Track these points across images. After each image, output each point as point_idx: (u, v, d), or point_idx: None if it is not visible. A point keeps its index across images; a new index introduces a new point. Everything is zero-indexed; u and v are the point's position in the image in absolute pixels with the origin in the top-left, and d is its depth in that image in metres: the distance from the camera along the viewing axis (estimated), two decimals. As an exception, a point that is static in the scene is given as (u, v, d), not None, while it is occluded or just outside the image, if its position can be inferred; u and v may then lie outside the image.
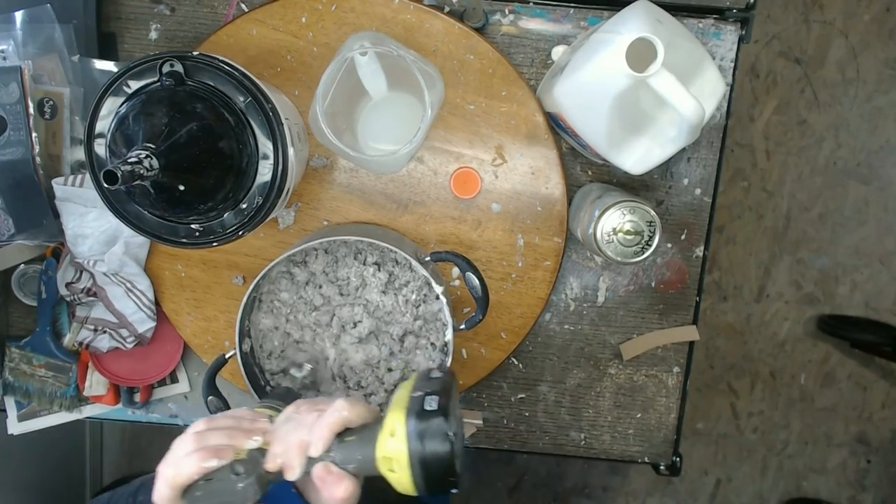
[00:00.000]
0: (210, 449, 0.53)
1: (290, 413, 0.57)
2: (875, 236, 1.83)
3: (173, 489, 0.52)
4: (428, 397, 0.53)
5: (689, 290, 0.92)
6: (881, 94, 1.78)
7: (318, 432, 0.52)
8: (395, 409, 0.53)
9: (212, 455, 0.52)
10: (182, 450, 0.53)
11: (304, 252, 0.81)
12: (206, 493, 0.52)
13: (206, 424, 0.56)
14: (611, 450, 0.96)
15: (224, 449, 0.53)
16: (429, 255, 0.77)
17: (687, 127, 0.68)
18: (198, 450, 0.53)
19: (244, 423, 0.56)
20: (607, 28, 0.70)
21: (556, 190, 0.85)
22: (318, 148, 0.85)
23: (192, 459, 0.52)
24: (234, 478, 0.52)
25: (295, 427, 0.54)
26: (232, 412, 0.59)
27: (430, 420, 0.51)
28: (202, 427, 0.55)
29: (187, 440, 0.54)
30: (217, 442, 0.54)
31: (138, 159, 0.58)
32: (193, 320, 0.90)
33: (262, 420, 0.57)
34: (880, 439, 1.90)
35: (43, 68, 0.81)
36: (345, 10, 0.82)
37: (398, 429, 0.52)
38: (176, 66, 0.65)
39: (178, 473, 0.52)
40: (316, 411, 0.54)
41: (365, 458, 0.53)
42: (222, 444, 0.53)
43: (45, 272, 0.89)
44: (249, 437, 0.55)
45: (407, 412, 0.52)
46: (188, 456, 0.52)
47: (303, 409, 0.56)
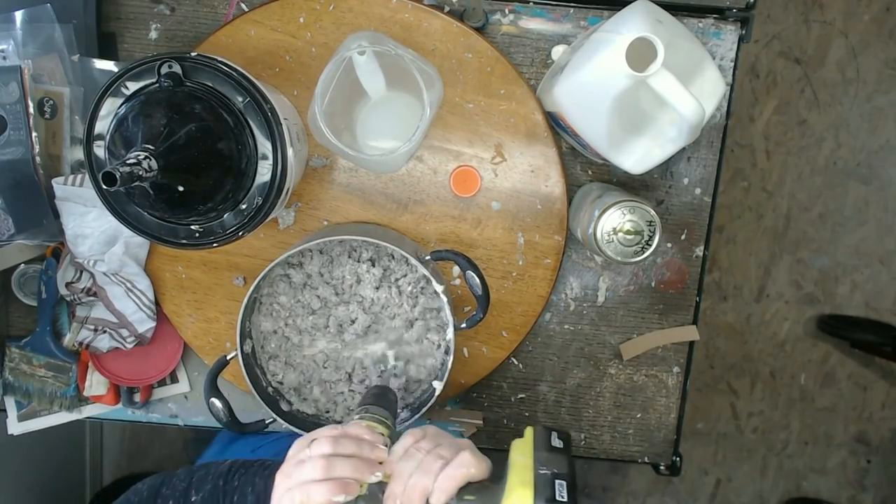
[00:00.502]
0: (339, 483, 0.54)
1: (408, 446, 0.56)
2: (875, 236, 1.83)
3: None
4: (558, 482, 0.52)
5: (689, 290, 0.92)
6: (881, 94, 1.78)
7: (444, 485, 0.53)
8: (522, 483, 0.53)
9: (341, 490, 0.53)
10: (311, 474, 0.54)
11: (300, 253, 0.81)
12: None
13: (332, 448, 0.56)
14: (611, 450, 0.96)
15: (352, 484, 0.54)
16: (429, 254, 0.77)
17: (687, 127, 0.68)
18: (327, 479, 0.53)
19: (365, 450, 0.57)
20: (607, 28, 0.70)
21: (555, 188, 0.85)
22: (317, 148, 0.85)
23: (322, 490, 0.53)
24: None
25: (416, 470, 0.54)
26: (352, 431, 0.59)
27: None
28: (328, 450, 0.56)
29: (316, 465, 0.54)
30: (345, 474, 0.54)
31: (137, 160, 0.58)
32: (194, 322, 0.90)
33: (381, 448, 0.58)
34: (880, 439, 1.90)
35: (43, 68, 0.81)
36: (343, 9, 0.82)
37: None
38: (174, 67, 0.65)
39: (307, 501, 0.53)
40: (439, 458, 0.54)
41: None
42: (350, 478, 0.54)
43: (45, 272, 0.89)
44: (372, 472, 0.55)
45: (535, 494, 0.52)
46: (318, 484, 0.53)
47: (423, 446, 0.56)
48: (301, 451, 0.57)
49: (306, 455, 0.56)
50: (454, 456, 0.55)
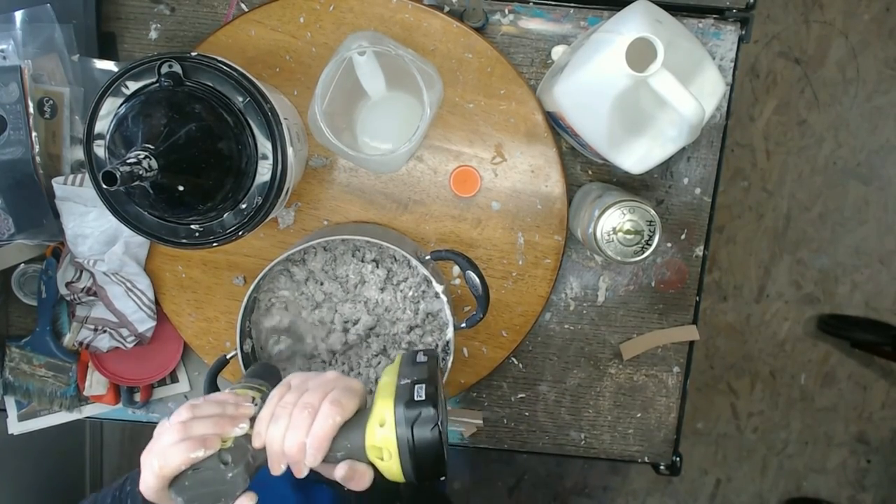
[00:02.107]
0: (197, 439, 0.52)
1: (274, 406, 0.55)
2: (875, 236, 1.83)
3: (160, 479, 0.52)
4: (416, 386, 0.54)
5: (689, 289, 0.92)
6: (881, 94, 1.78)
7: (313, 444, 0.52)
8: (384, 397, 0.54)
9: (199, 445, 0.52)
10: (168, 439, 0.53)
11: (303, 251, 0.81)
12: (194, 483, 0.52)
13: (190, 412, 0.55)
14: (611, 449, 0.96)
15: (211, 438, 0.53)
16: (429, 254, 0.77)
17: (687, 127, 0.68)
18: (184, 439, 0.52)
19: (228, 409, 0.56)
20: (607, 28, 0.70)
21: (555, 188, 0.85)
22: (317, 148, 0.85)
23: (178, 450, 0.52)
24: (223, 467, 0.52)
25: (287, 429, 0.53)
26: (214, 397, 0.58)
27: (420, 410, 0.52)
28: (186, 416, 0.55)
29: (173, 430, 0.53)
30: (203, 431, 0.53)
31: (137, 160, 0.58)
32: (194, 321, 0.90)
33: (246, 405, 0.57)
34: (880, 439, 1.90)
35: (43, 68, 0.81)
36: (343, 9, 0.82)
37: (388, 418, 0.53)
38: (174, 66, 0.65)
39: (164, 464, 0.52)
40: (305, 408, 0.54)
41: (354, 447, 0.54)
42: (208, 434, 0.53)
43: (45, 272, 0.89)
44: (235, 425, 0.55)
45: (395, 401, 0.53)
46: (174, 446, 0.52)
47: (288, 400, 0.55)
48: (161, 426, 0.56)
49: (165, 427, 0.55)
50: (320, 399, 0.54)
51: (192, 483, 0.52)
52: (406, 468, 0.53)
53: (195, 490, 0.52)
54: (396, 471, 0.53)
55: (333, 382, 0.56)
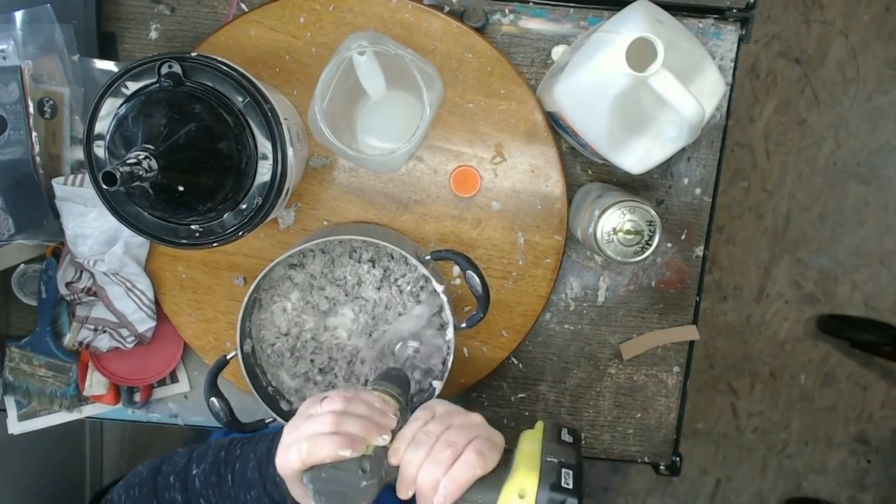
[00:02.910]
0: (348, 437, 0.53)
1: (417, 430, 0.56)
2: (875, 236, 1.83)
3: (305, 464, 0.53)
4: (564, 470, 0.53)
5: (689, 289, 0.92)
6: (881, 94, 1.78)
7: (450, 489, 0.52)
8: (528, 469, 0.53)
9: (348, 445, 0.52)
10: (320, 427, 0.54)
11: (302, 254, 0.81)
12: (330, 478, 0.53)
13: (343, 405, 0.55)
14: (611, 449, 0.96)
15: (360, 441, 0.53)
16: (429, 254, 0.77)
17: (687, 126, 0.68)
18: (336, 434, 0.53)
19: (376, 416, 0.56)
20: (607, 28, 0.70)
21: (555, 188, 0.85)
22: (317, 148, 0.85)
23: (329, 443, 0.52)
24: (361, 474, 0.53)
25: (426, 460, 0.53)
26: (363, 396, 0.58)
27: (565, 498, 0.51)
28: (340, 407, 0.55)
29: (326, 419, 0.54)
30: (354, 430, 0.54)
31: (137, 160, 0.58)
32: (194, 321, 0.90)
33: (391, 416, 0.57)
34: (880, 439, 1.90)
35: (43, 68, 0.81)
36: (343, 9, 0.82)
37: (529, 492, 0.52)
38: (174, 67, 0.65)
39: (313, 452, 0.52)
40: (448, 446, 0.53)
41: (485, 502, 0.53)
42: (358, 435, 0.54)
43: (45, 272, 0.89)
44: (380, 434, 0.55)
45: (541, 478, 0.52)
46: (326, 437, 0.53)
47: (431, 430, 0.55)
48: (312, 406, 0.56)
49: (317, 410, 0.56)
50: (465, 442, 0.54)
51: (328, 477, 0.53)
52: None
53: (328, 485, 0.53)
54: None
55: (479, 429, 0.56)
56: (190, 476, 0.63)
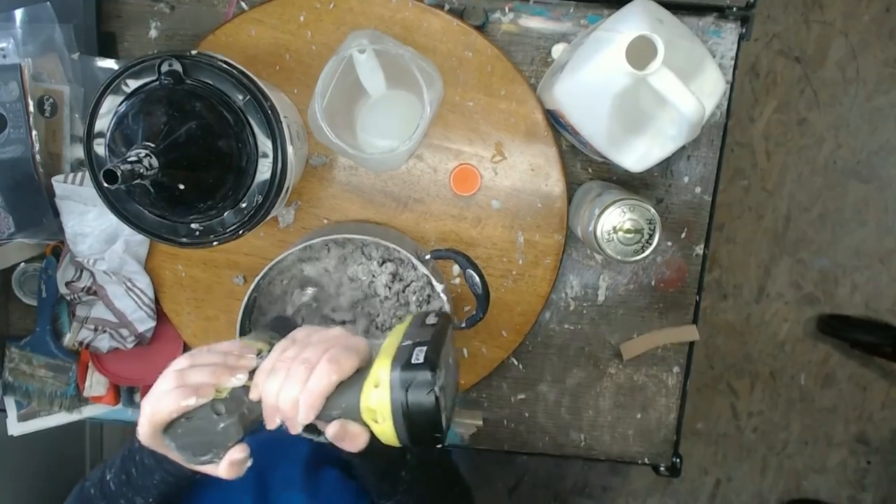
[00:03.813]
0: (190, 387, 0.52)
1: (274, 360, 0.54)
2: (875, 236, 1.83)
3: (153, 425, 0.52)
4: (417, 348, 0.51)
5: (689, 288, 0.92)
6: (881, 94, 1.78)
7: (306, 401, 0.51)
8: (382, 357, 0.52)
9: (191, 393, 0.52)
10: (163, 386, 0.53)
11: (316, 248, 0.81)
12: (186, 430, 0.52)
13: (189, 360, 0.55)
14: (611, 450, 0.96)
15: (205, 387, 0.52)
16: (429, 253, 0.77)
17: (687, 125, 0.68)
18: (178, 387, 0.52)
19: (230, 360, 0.55)
20: (607, 26, 0.70)
21: (556, 187, 0.85)
22: (317, 146, 0.85)
23: (171, 397, 0.52)
24: (216, 417, 0.52)
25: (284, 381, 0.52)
26: (218, 346, 0.57)
27: (415, 372, 0.50)
28: (185, 363, 0.55)
29: (168, 377, 0.53)
30: (198, 380, 0.53)
31: (138, 158, 0.58)
32: (194, 320, 0.90)
33: (250, 356, 0.56)
34: (880, 439, 1.90)
35: (43, 67, 0.81)
36: (343, 8, 0.82)
37: (383, 380, 0.51)
38: (174, 65, 0.65)
39: (156, 410, 0.52)
40: (303, 363, 0.52)
41: (349, 407, 0.52)
42: (203, 382, 0.53)
43: (45, 271, 0.89)
44: (233, 375, 0.54)
45: (393, 363, 0.51)
46: (168, 393, 0.52)
47: (288, 355, 0.54)
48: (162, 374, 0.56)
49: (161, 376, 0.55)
50: (319, 355, 0.52)
51: (184, 430, 0.52)
52: (400, 432, 0.51)
53: (187, 438, 0.52)
54: (391, 434, 0.51)
55: (335, 340, 0.55)
56: (105, 482, 0.64)
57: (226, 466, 0.52)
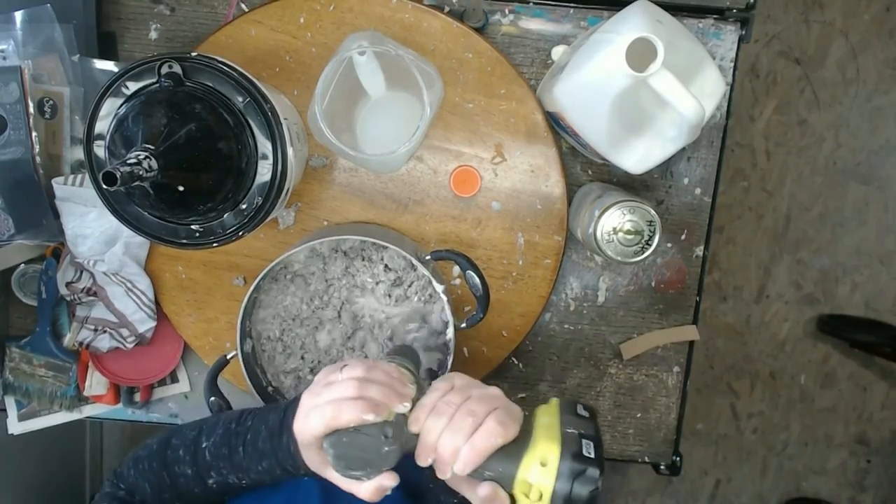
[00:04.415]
0: (371, 402, 0.53)
1: (436, 400, 0.55)
2: (875, 236, 1.83)
3: (328, 428, 0.53)
4: (585, 441, 0.52)
5: (689, 290, 0.92)
6: (881, 94, 1.78)
7: (471, 456, 0.52)
8: (549, 438, 0.53)
9: (372, 409, 0.52)
10: (344, 392, 0.53)
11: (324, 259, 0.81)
12: (351, 443, 0.53)
13: (365, 372, 0.56)
14: (610, 449, 0.96)
15: (382, 406, 0.53)
16: (429, 254, 0.77)
17: (687, 126, 0.68)
18: (360, 399, 0.53)
19: (395, 384, 0.56)
20: (607, 28, 0.70)
21: (556, 188, 0.85)
22: (317, 148, 0.85)
23: (354, 407, 0.52)
24: (383, 440, 0.53)
25: (447, 428, 0.53)
26: (382, 366, 0.58)
27: (586, 467, 0.51)
28: (362, 373, 0.55)
29: (349, 384, 0.54)
30: (376, 396, 0.54)
31: (137, 160, 0.58)
32: (194, 322, 0.90)
33: (411, 386, 0.57)
34: (880, 440, 1.90)
35: (43, 68, 0.81)
36: (343, 10, 0.82)
37: (551, 461, 0.51)
38: (174, 67, 0.65)
39: (337, 416, 0.52)
40: (469, 415, 0.53)
41: (505, 473, 0.53)
42: (381, 402, 0.53)
43: (45, 272, 0.89)
44: (401, 402, 0.55)
45: (562, 448, 0.52)
46: (351, 402, 0.53)
47: (452, 399, 0.55)
48: (331, 374, 0.57)
49: (337, 377, 0.56)
50: (485, 412, 0.53)
51: (349, 441, 0.53)
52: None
53: (350, 450, 0.53)
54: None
55: (498, 400, 0.56)
56: (200, 449, 0.63)
57: (374, 488, 0.53)
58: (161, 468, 0.66)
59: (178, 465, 0.65)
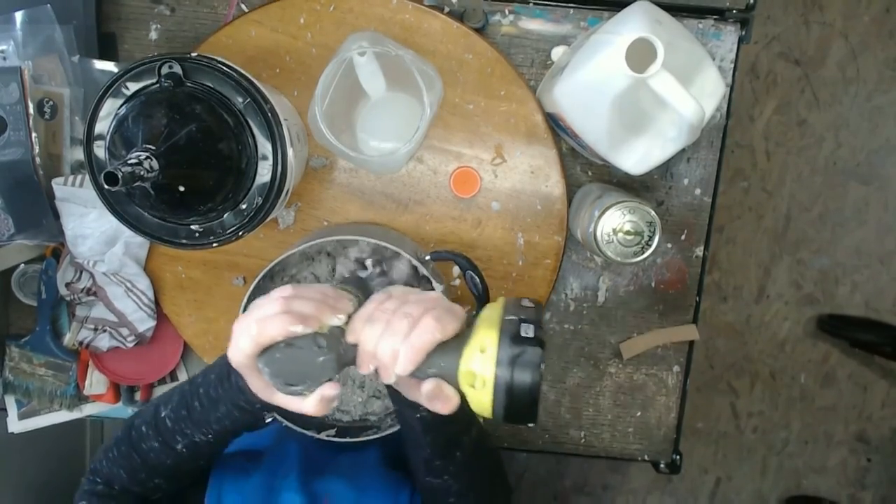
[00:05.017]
0: (298, 315, 0.52)
1: (372, 310, 0.55)
2: (875, 236, 1.83)
3: (256, 346, 0.52)
4: (524, 324, 0.52)
5: (689, 290, 0.92)
6: (881, 93, 1.78)
7: (409, 355, 0.51)
8: (488, 326, 0.52)
9: (299, 321, 0.52)
10: (269, 310, 0.53)
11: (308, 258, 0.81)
12: (285, 357, 0.52)
13: (293, 291, 0.55)
14: (611, 448, 0.96)
15: (311, 318, 0.53)
16: (429, 255, 0.77)
17: (687, 127, 0.68)
18: (285, 312, 0.52)
19: (329, 299, 0.56)
20: (607, 29, 0.70)
21: (555, 188, 0.85)
22: (317, 148, 0.85)
23: (279, 321, 0.52)
24: (316, 350, 0.52)
25: (384, 332, 0.52)
26: (316, 286, 0.58)
27: (525, 347, 0.50)
28: (289, 292, 0.55)
29: (274, 302, 0.54)
30: (305, 309, 0.53)
31: (138, 160, 0.58)
32: (194, 321, 0.90)
33: (346, 300, 0.57)
34: (880, 438, 1.91)
35: (43, 68, 0.81)
36: (343, 10, 0.82)
37: (489, 347, 0.50)
38: (175, 67, 0.65)
39: (263, 331, 0.52)
40: (405, 317, 0.52)
41: (447, 367, 0.52)
42: (310, 314, 0.53)
43: (45, 272, 0.89)
44: (335, 314, 0.54)
45: (501, 332, 0.51)
46: (275, 317, 0.52)
47: (388, 306, 0.54)
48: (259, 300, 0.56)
49: (264, 299, 0.55)
50: (421, 312, 0.53)
51: (283, 356, 0.52)
52: (497, 403, 0.50)
53: (284, 365, 0.52)
54: (486, 402, 0.51)
55: (436, 301, 0.55)
56: (160, 419, 0.64)
57: (316, 401, 0.53)
58: (130, 450, 0.67)
59: (144, 442, 0.65)
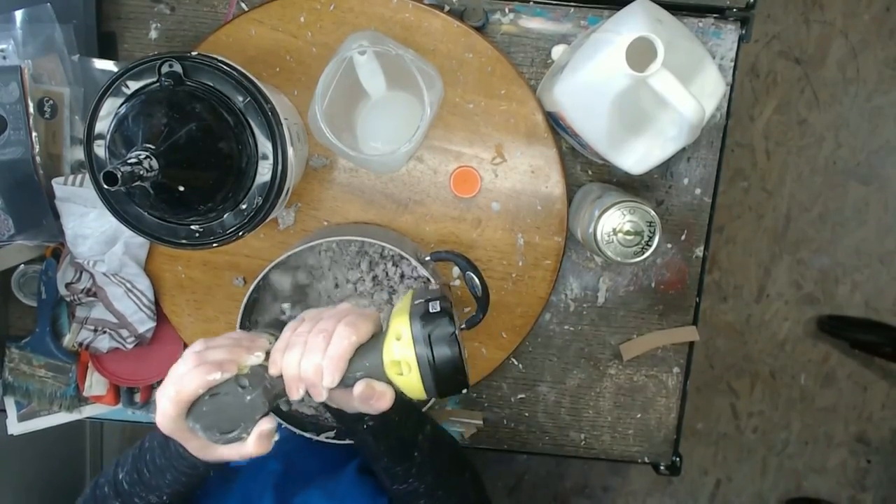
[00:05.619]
0: (213, 363, 0.52)
1: (288, 338, 0.55)
2: (875, 236, 1.83)
3: (178, 406, 0.52)
4: (430, 302, 0.54)
5: (689, 290, 0.92)
6: (881, 93, 1.78)
7: (329, 366, 0.52)
8: (399, 315, 0.54)
9: (216, 368, 0.52)
10: (183, 368, 0.53)
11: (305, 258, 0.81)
12: (211, 408, 0.52)
13: (203, 344, 0.55)
14: (611, 450, 0.96)
15: (227, 362, 0.53)
16: (429, 255, 0.77)
17: (687, 126, 0.68)
18: (199, 365, 0.52)
19: (244, 342, 0.56)
20: (607, 27, 0.70)
21: (556, 189, 0.85)
22: (317, 148, 0.85)
23: (194, 374, 0.51)
24: (241, 391, 0.52)
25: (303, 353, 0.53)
26: (228, 334, 0.58)
27: (435, 321, 0.52)
28: (200, 346, 0.55)
29: (187, 359, 0.53)
30: (219, 356, 0.53)
31: (138, 160, 0.58)
32: (194, 321, 0.90)
33: (262, 338, 0.57)
34: (880, 439, 1.90)
35: (43, 68, 0.81)
36: (343, 9, 0.82)
37: (404, 332, 0.53)
38: (175, 66, 0.65)
39: (181, 389, 0.51)
40: (321, 333, 0.53)
41: (372, 366, 0.54)
42: (225, 359, 0.53)
43: (45, 272, 0.89)
44: (251, 353, 0.55)
45: (411, 316, 0.53)
46: (191, 371, 0.52)
47: (302, 330, 0.55)
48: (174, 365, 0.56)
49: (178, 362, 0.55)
50: (335, 325, 0.54)
51: (209, 408, 0.52)
52: (426, 380, 0.52)
53: (213, 416, 0.52)
54: (417, 384, 0.53)
55: (347, 311, 0.56)
56: (118, 481, 0.64)
57: (255, 439, 0.53)
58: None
59: (106, 502, 0.65)
